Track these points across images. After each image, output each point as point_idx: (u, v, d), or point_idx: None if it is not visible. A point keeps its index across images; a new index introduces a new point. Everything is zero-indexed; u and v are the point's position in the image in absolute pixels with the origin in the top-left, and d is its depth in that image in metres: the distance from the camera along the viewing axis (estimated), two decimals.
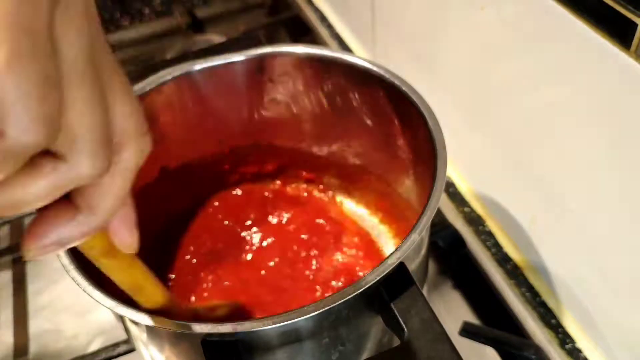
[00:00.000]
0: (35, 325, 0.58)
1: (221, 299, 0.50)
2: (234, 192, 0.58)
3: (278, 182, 0.60)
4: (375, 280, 0.32)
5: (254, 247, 0.55)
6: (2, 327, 0.58)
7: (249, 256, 0.54)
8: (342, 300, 0.31)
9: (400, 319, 0.32)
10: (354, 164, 0.56)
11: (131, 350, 0.52)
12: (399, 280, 0.33)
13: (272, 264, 0.53)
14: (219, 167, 0.57)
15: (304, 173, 0.59)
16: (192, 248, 0.54)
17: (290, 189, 0.59)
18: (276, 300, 0.50)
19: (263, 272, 0.52)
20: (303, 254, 0.53)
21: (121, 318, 0.37)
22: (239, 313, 0.48)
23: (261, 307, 0.49)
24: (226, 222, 0.56)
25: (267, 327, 0.31)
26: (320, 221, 0.56)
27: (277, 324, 0.31)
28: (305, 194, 0.59)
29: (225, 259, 0.53)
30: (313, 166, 0.58)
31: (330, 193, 0.58)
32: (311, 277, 0.52)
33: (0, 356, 0.56)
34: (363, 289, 0.32)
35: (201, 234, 0.55)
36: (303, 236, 0.55)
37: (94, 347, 0.55)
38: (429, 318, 0.31)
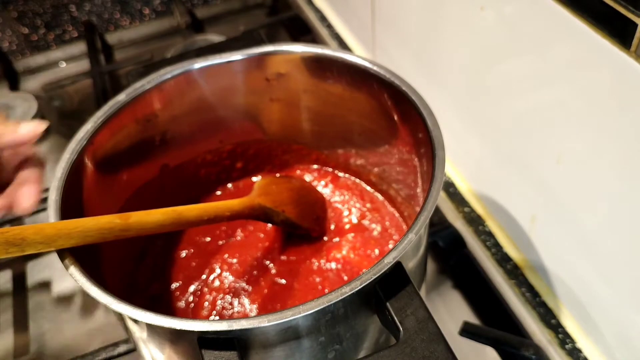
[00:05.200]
0: (35, 325, 0.58)
1: (222, 293, 0.51)
2: (235, 189, 0.59)
3: None
4: (372, 279, 0.32)
5: (257, 242, 0.54)
6: (2, 327, 0.58)
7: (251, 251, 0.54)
8: (338, 299, 0.31)
9: (395, 318, 0.32)
10: (354, 162, 0.56)
11: (131, 350, 0.52)
12: (395, 279, 0.33)
13: (270, 262, 0.53)
14: (219, 164, 0.57)
15: (304, 171, 0.59)
16: (192, 245, 0.54)
17: None
18: (281, 294, 0.50)
19: (265, 266, 0.52)
20: (306, 248, 0.53)
21: (121, 317, 0.37)
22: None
23: (264, 304, 0.49)
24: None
25: (261, 324, 0.31)
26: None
27: (272, 322, 0.31)
28: None
29: (225, 254, 0.53)
30: (312, 164, 0.58)
31: (329, 190, 0.58)
32: (314, 268, 0.52)
33: (0, 356, 0.56)
34: (359, 287, 0.32)
35: (202, 231, 0.55)
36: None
37: (94, 347, 0.55)
38: (425, 317, 0.31)
